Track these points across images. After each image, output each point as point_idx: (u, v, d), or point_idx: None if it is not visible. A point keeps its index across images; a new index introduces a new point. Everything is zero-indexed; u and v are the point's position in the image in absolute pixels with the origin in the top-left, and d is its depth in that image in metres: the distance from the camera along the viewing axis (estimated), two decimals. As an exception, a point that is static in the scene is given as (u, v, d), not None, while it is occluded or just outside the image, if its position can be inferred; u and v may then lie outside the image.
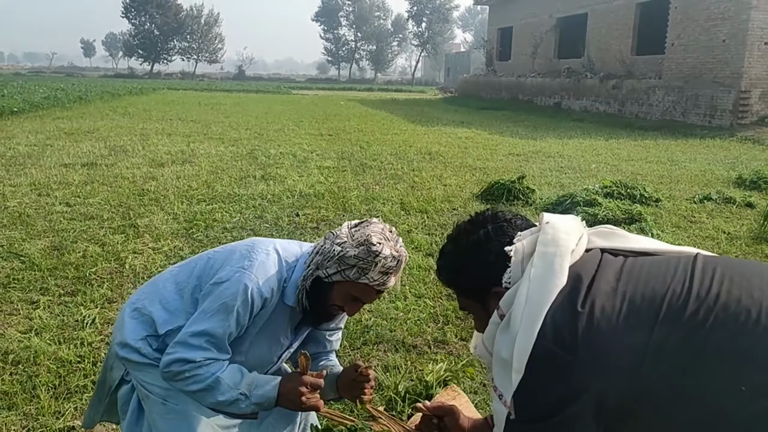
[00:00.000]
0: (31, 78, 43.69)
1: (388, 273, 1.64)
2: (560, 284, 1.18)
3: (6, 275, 4.05)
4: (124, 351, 1.76)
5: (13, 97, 18.37)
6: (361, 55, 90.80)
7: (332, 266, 1.64)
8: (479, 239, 1.35)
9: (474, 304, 1.39)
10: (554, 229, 1.29)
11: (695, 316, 1.09)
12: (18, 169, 7.79)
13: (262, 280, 1.67)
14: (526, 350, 1.13)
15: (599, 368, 1.09)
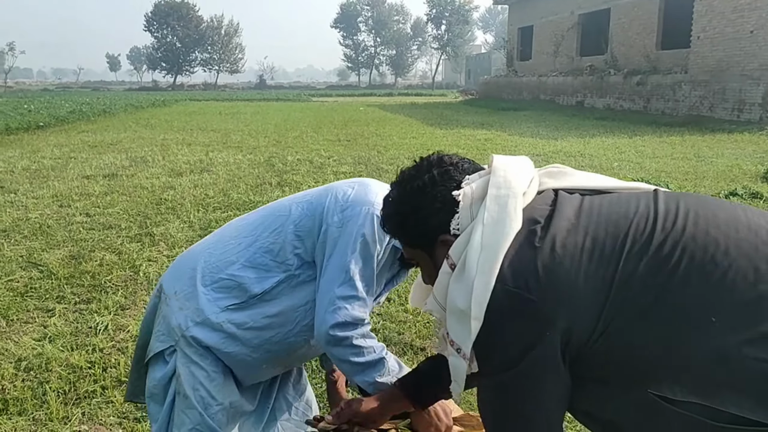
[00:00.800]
0: (58, 93, 44.70)
1: None
2: (516, 227, 1.10)
3: (24, 284, 4.11)
4: (200, 329, 1.60)
5: (39, 112, 18.82)
6: (380, 60, 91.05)
7: None
8: (424, 184, 1.24)
9: (421, 254, 1.29)
10: (505, 170, 1.20)
11: (662, 248, 1.03)
12: (41, 181, 7.94)
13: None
14: (485, 296, 1.06)
15: (564, 305, 1.03)
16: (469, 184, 1.21)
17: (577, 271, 1.04)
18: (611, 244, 1.06)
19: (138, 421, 2.53)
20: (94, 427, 2.50)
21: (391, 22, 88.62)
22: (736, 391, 0.96)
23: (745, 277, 0.99)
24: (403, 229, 1.30)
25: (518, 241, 1.10)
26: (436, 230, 1.22)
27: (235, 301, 1.61)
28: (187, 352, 1.62)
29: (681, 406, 0.99)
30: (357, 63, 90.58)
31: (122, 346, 3.21)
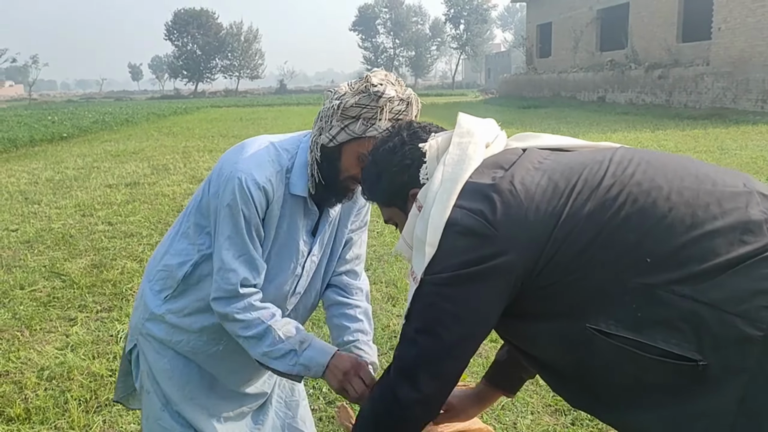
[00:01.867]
0: (81, 104, 45.52)
1: (398, 119, 1.42)
2: (474, 165, 1.19)
3: (47, 294, 4.18)
4: (151, 324, 1.63)
5: (63, 123, 19.17)
6: (400, 61, 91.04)
7: (335, 124, 1.43)
8: (394, 145, 1.34)
9: (397, 213, 1.36)
10: (468, 123, 1.30)
11: (609, 191, 1.09)
12: (65, 191, 8.08)
13: (255, 169, 1.46)
14: (441, 222, 1.13)
15: (513, 237, 1.09)
16: (436, 138, 1.30)
17: (529, 205, 1.10)
18: (564, 184, 1.12)
19: (157, 428, 2.55)
20: (113, 435, 2.52)
21: (409, 24, 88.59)
22: (664, 326, 1.01)
23: (682, 221, 1.04)
24: (378, 188, 1.37)
25: (479, 177, 1.17)
26: (407, 185, 1.30)
27: (170, 291, 1.62)
28: (145, 350, 1.66)
29: (615, 339, 1.04)
30: (377, 65, 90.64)
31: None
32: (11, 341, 3.44)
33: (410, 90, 1.48)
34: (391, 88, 1.42)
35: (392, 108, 1.41)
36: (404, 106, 1.43)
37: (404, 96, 1.44)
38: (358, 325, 1.71)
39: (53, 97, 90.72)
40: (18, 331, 3.56)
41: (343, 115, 1.41)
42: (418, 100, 1.50)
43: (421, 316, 1.17)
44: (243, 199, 1.45)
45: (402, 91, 1.44)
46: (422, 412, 1.22)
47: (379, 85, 1.40)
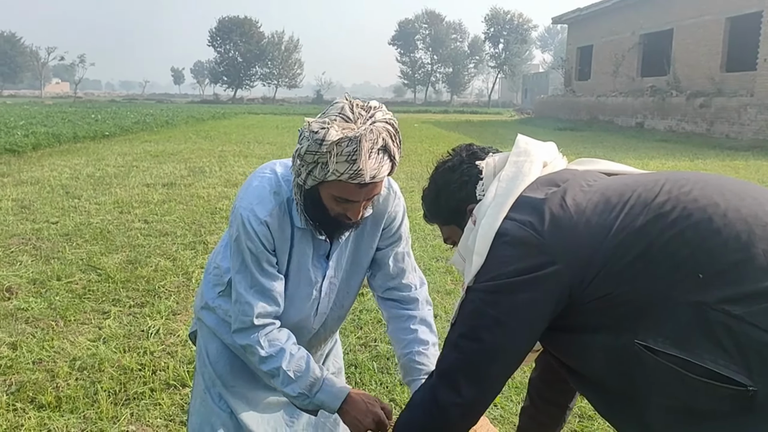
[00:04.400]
0: (124, 105, 46.63)
1: (352, 160, 1.32)
2: (528, 181, 1.23)
3: (83, 286, 4.28)
4: (204, 312, 1.74)
5: (106, 122, 19.68)
6: (437, 77, 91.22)
7: (301, 170, 1.40)
8: (453, 164, 1.42)
9: (455, 230, 1.42)
10: (527, 143, 1.35)
11: (663, 206, 1.09)
12: (105, 188, 8.28)
13: (257, 205, 1.49)
14: (489, 235, 1.16)
15: (564, 245, 1.10)
16: (493, 157, 1.36)
17: (579, 218, 1.11)
18: (616, 199, 1.13)
19: (183, 424, 2.58)
20: (141, 428, 2.56)
21: (448, 40, 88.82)
22: (713, 346, 0.98)
23: (738, 237, 1.01)
24: (437, 206, 1.45)
25: (532, 192, 1.20)
26: (465, 201, 1.35)
27: (221, 288, 1.68)
28: (200, 333, 1.79)
29: (663, 357, 1.02)
30: (413, 80, 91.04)
31: (172, 350, 3.28)
32: (46, 330, 3.53)
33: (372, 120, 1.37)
34: (336, 130, 1.32)
35: (341, 151, 1.32)
36: (353, 146, 1.32)
37: (353, 135, 1.32)
38: (412, 336, 1.71)
39: (97, 96, 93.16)
40: (53, 321, 3.65)
41: (303, 161, 1.38)
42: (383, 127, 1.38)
43: (466, 322, 1.19)
44: (246, 235, 1.49)
45: (353, 128, 1.34)
46: (462, 416, 1.22)
47: (321, 131, 1.33)
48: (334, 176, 1.35)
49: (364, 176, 1.34)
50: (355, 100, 1.43)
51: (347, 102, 1.40)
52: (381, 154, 1.37)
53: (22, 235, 5.63)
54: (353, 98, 1.43)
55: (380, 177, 1.40)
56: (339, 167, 1.34)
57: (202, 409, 1.74)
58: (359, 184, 1.37)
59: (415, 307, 1.75)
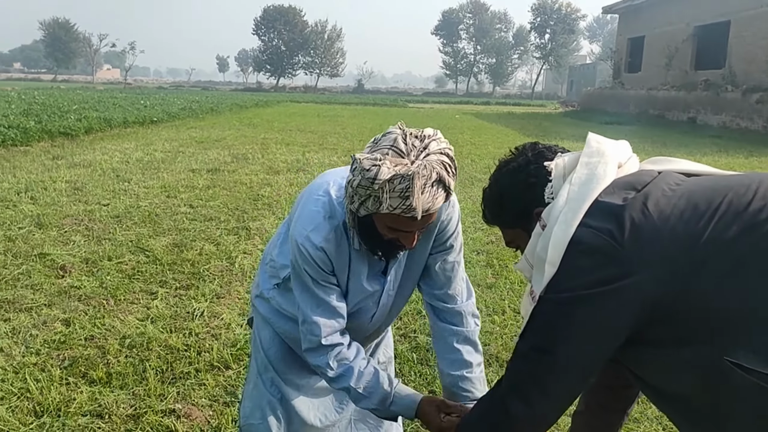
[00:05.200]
0: (171, 91, 47.61)
1: (405, 196, 1.31)
2: (603, 184, 1.15)
3: (132, 267, 4.41)
4: (259, 301, 1.81)
5: (154, 108, 20.13)
6: (479, 68, 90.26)
7: (354, 198, 1.40)
8: (519, 165, 1.33)
9: (520, 234, 1.34)
10: (599, 143, 1.25)
11: (757, 214, 1.02)
12: (153, 172, 8.49)
13: (311, 230, 1.50)
14: (562, 242, 1.10)
15: (646, 256, 1.03)
16: (562, 158, 1.27)
17: (663, 226, 1.05)
18: (705, 205, 1.06)
19: (227, 405, 2.65)
20: (187, 406, 2.63)
21: (492, 30, 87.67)
22: None
23: None
24: (501, 208, 1.36)
25: (608, 197, 1.12)
26: (532, 203, 1.27)
27: (277, 281, 1.73)
28: (256, 320, 1.85)
29: (753, 375, 0.97)
30: (455, 70, 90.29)
31: (216, 333, 3.36)
32: (98, 308, 3.66)
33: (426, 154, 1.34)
34: (388, 167, 1.30)
35: (394, 188, 1.31)
36: (406, 183, 1.30)
37: (405, 172, 1.30)
38: (455, 356, 1.71)
39: (146, 82, 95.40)
40: (104, 300, 3.78)
41: (356, 192, 1.37)
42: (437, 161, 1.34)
43: (538, 334, 1.14)
44: (304, 261, 1.52)
45: (406, 164, 1.31)
46: (531, 428, 1.19)
47: (372, 168, 1.30)
48: (388, 210, 1.35)
49: (416, 212, 1.33)
50: (409, 130, 1.40)
51: (400, 132, 1.37)
52: (435, 187, 1.34)
53: (75, 215, 5.83)
54: (406, 128, 1.40)
55: (434, 209, 1.38)
56: (392, 203, 1.33)
57: (255, 393, 1.78)
58: (412, 217, 1.36)
59: (459, 322, 1.73)
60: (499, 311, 3.78)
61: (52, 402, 2.60)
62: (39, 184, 7.24)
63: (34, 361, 2.97)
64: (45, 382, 2.76)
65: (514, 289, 4.16)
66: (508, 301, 3.93)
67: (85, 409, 2.58)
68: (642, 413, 2.66)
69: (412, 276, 1.72)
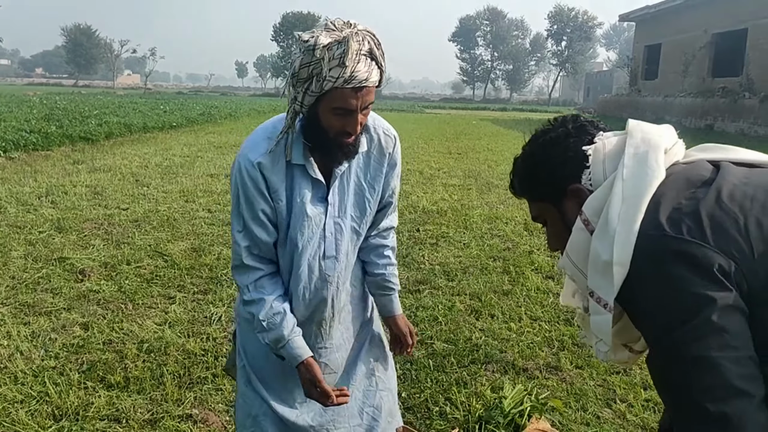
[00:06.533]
0: (191, 96, 48.08)
1: (343, 63, 1.39)
2: (659, 177, 1.09)
3: (150, 272, 4.45)
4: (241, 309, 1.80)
5: (173, 113, 20.33)
6: (496, 74, 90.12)
7: (297, 91, 1.47)
8: (557, 136, 1.24)
9: (548, 209, 1.27)
10: (642, 131, 1.18)
11: None
12: (171, 177, 8.57)
13: (250, 150, 1.57)
14: (629, 240, 1.04)
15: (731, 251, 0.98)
16: (603, 140, 1.19)
17: (747, 218, 0.99)
18: None
19: (243, 411, 2.65)
20: (204, 411, 2.64)
21: (509, 37, 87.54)
22: None
23: None
24: (533, 180, 1.28)
25: (672, 194, 1.07)
26: (567, 179, 1.20)
27: None
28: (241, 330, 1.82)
29: None
30: (472, 77, 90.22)
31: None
32: (116, 312, 3.69)
33: (352, 26, 1.44)
34: (325, 35, 1.40)
35: (333, 55, 1.39)
36: (342, 47, 1.39)
37: (340, 37, 1.39)
38: (386, 261, 1.87)
39: (166, 88, 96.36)
40: (123, 304, 3.81)
41: (298, 80, 1.45)
42: (365, 35, 1.44)
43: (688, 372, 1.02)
44: (240, 179, 1.57)
45: (339, 33, 1.41)
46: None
47: (311, 38, 1.41)
48: (330, 83, 1.41)
49: (356, 77, 1.41)
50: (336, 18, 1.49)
51: (329, 21, 1.47)
52: (368, 59, 1.44)
53: (95, 219, 5.90)
54: None
55: (371, 81, 1.45)
56: (333, 72, 1.40)
57: (243, 404, 1.80)
58: (354, 89, 1.43)
59: (388, 235, 1.88)
60: (516, 318, 3.75)
61: (70, 406, 2.63)
62: (59, 188, 7.34)
63: (53, 365, 3.00)
64: (63, 386, 2.79)
65: (531, 296, 4.13)
66: (525, 308, 3.90)
67: (103, 413, 2.60)
68: (662, 425, 2.62)
69: (359, 205, 1.72)
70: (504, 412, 2.34)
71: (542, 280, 4.47)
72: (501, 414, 2.33)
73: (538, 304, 3.99)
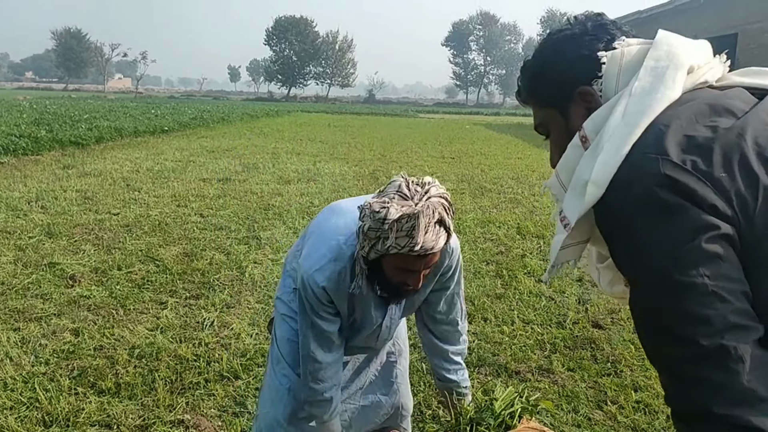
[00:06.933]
0: (182, 101, 48.00)
1: (411, 235, 1.47)
2: (671, 96, 0.95)
3: (142, 277, 4.42)
4: (279, 302, 2.00)
5: (165, 117, 20.26)
6: (489, 79, 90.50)
7: (364, 244, 1.57)
8: (574, 32, 1.10)
9: (554, 115, 1.13)
10: (670, 44, 1.02)
11: None
12: (163, 181, 8.54)
13: (316, 270, 1.69)
14: (613, 160, 0.91)
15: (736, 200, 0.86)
16: (623, 47, 1.05)
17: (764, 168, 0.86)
18: None
19: (236, 415, 2.64)
20: (196, 417, 2.63)
21: (502, 42, 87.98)
22: None
23: None
24: (540, 80, 1.14)
25: (686, 119, 0.92)
26: (577, 80, 1.07)
27: (294, 286, 1.91)
28: (276, 319, 2.02)
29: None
30: (465, 81, 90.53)
31: (226, 343, 3.36)
32: (107, 318, 3.67)
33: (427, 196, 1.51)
34: (396, 206, 1.47)
35: (401, 227, 1.47)
36: (412, 222, 1.46)
37: (410, 212, 1.46)
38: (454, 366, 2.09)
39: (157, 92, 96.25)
40: (113, 309, 3.79)
41: (366, 237, 1.54)
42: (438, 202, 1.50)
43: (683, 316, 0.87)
44: (307, 294, 1.71)
45: (408, 204, 1.48)
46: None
47: (382, 210, 1.47)
48: (395, 249, 1.50)
49: (423, 247, 1.49)
50: (411, 177, 1.57)
51: (403, 180, 1.54)
52: (437, 227, 1.51)
53: (85, 224, 5.86)
54: (408, 176, 1.57)
55: (437, 248, 1.53)
56: (399, 242, 1.48)
57: (269, 382, 1.98)
58: (418, 255, 1.52)
59: (455, 341, 2.08)
60: (509, 321, 3.75)
61: (60, 412, 2.61)
62: (49, 193, 7.30)
63: (44, 371, 2.98)
64: (54, 392, 2.77)
65: (523, 299, 4.13)
66: (517, 312, 3.90)
67: (94, 419, 2.58)
68: (649, 424, 2.63)
69: (414, 304, 1.97)
70: (495, 414, 2.33)
71: (535, 284, 4.48)
72: (492, 416, 2.32)
73: (530, 308, 3.99)
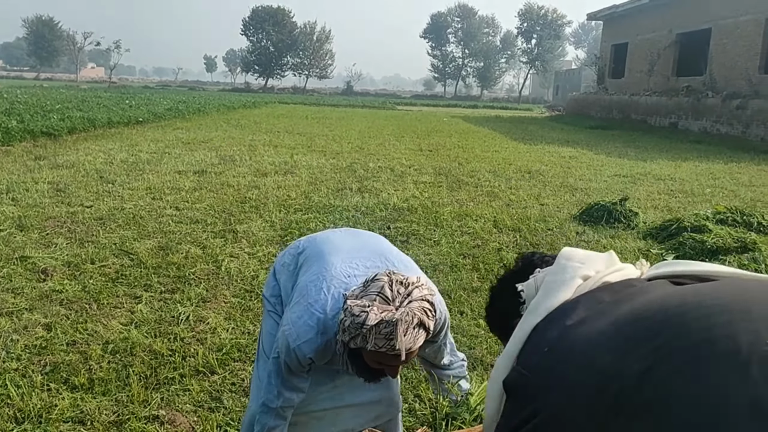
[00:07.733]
0: (157, 91, 47.27)
1: (390, 338, 1.48)
2: (548, 307, 1.08)
3: (116, 271, 4.37)
4: (264, 300, 2.12)
5: (139, 108, 19.94)
6: (467, 72, 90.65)
7: (344, 335, 1.57)
8: (503, 278, 1.39)
9: None
10: (567, 259, 1.19)
11: None
12: (137, 174, 8.42)
13: (303, 342, 1.71)
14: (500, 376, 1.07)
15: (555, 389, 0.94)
16: (536, 275, 1.25)
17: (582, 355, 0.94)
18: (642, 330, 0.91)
19: (212, 410, 2.63)
20: (171, 412, 2.61)
21: (480, 35, 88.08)
22: None
23: None
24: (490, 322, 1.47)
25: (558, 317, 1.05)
26: (511, 316, 1.23)
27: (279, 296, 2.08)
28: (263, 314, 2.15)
29: None
30: (444, 73, 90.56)
31: (201, 337, 3.34)
32: (80, 312, 3.62)
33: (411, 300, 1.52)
34: (375, 314, 1.47)
35: (379, 331, 1.48)
36: (391, 327, 1.48)
37: (389, 318, 1.47)
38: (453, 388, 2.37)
39: (131, 82, 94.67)
40: (87, 304, 3.74)
41: (346, 331, 1.54)
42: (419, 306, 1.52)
43: None
44: (290, 359, 1.75)
45: (391, 311, 1.49)
46: None
47: (361, 314, 1.49)
48: (374, 348, 1.51)
49: (400, 352, 1.50)
50: (396, 277, 1.56)
51: (387, 280, 1.55)
52: (416, 329, 1.52)
53: (57, 217, 5.76)
54: (393, 276, 1.57)
55: (416, 348, 1.56)
56: (378, 343, 1.49)
57: (254, 375, 2.10)
58: (395, 355, 1.53)
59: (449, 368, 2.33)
60: (485, 315, 3.79)
61: (33, 408, 2.57)
62: (21, 185, 7.16)
63: (15, 367, 2.93)
64: (26, 388, 2.73)
65: (500, 294, 4.17)
66: (494, 307, 3.94)
67: (67, 415, 2.55)
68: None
69: None
70: (470, 409, 2.36)
71: (510, 277, 4.53)
72: (467, 410, 2.35)
73: (506, 301, 4.03)
